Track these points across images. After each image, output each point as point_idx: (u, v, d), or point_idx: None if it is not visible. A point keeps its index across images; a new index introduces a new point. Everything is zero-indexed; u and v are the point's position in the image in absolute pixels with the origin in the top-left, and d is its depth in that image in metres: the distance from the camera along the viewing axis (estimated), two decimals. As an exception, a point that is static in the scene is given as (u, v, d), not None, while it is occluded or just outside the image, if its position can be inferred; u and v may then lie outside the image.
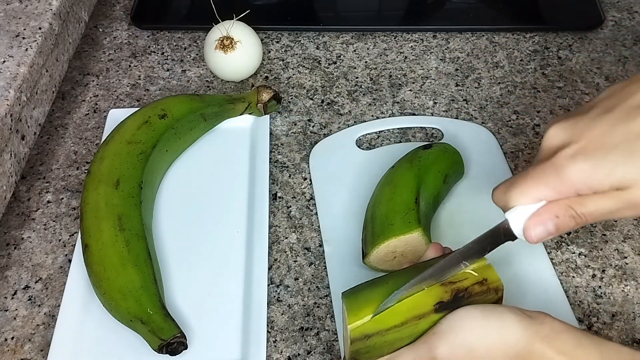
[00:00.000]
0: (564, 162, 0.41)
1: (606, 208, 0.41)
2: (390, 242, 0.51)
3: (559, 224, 0.41)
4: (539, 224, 0.42)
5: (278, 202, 0.62)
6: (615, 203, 0.40)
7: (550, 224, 0.41)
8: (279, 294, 0.55)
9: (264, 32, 0.79)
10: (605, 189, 0.40)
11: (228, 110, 0.67)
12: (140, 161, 0.58)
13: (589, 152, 0.40)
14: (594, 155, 0.40)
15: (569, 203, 0.41)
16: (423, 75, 0.74)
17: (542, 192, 0.42)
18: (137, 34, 0.80)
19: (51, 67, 0.68)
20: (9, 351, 0.52)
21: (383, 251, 0.52)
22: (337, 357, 0.51)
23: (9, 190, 0.60)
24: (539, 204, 0.42)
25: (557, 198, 0.41)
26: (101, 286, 0.51)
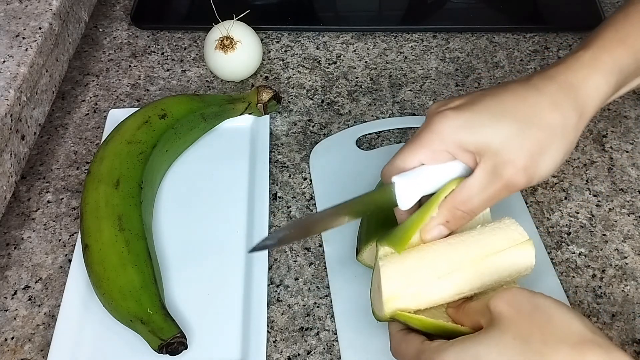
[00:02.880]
0: (436, 119, 0.45)
1: (483, 192, 0.44)
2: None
3: (452, 226, 0.46)
4: (433, 229, 0.45)
5: (278, 202, 0.62)
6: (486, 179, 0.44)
7: (443, 229, 0.46)
8: (279, 294, 0.55)
9: (264, 32, 0.79)
10: (471, 148, 0.44)
11: (228, 110, 0.67)
12: (140, 161, 0.58)
13: (459, 110, 0.45)
14: (464, 112, 0.44)
15: (453, 206, 0.45)
16: (423, 75, 0.74)
17: (418, 154, 0.45)
18: (137, 34, 0.80)
19: (51, 67, 0.68)
20: (9, 351, 0.52)
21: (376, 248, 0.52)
22: (337, 357, 0.51)
23: (9, 190, 0.60)
24: (420, 168, 0.45)
25: (433, 160, 0.45)
26: (101, 286, 0.51)
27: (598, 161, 0.65)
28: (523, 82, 0.46)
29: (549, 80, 0.45)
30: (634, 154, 0.65)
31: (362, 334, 0.52)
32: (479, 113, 0.44)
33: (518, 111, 0.44)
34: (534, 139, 0.43)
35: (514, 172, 0.43)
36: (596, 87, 0.44)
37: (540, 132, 0.43)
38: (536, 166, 0.44)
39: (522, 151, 0.43)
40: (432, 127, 0.45)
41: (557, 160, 0.44)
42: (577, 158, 0.65)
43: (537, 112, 0.44)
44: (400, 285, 0.43)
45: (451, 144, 0.44)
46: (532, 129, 0.43)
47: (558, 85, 0.44)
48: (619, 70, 0.45)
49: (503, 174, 0.43)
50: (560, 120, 0.44)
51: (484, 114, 0.44)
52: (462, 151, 0.44)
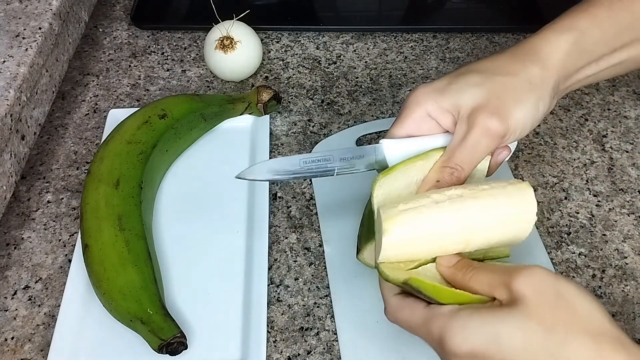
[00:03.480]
0: (411, 93, 0.49)
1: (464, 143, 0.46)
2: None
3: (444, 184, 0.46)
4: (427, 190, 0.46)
5: (278, 202, 0.62)
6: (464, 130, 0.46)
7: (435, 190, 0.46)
8: (279, 294, 0.55)
9: (264, 32, 0.79)
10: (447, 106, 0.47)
11: (228, 110, 0.67)
12: (140, 161, 0.58)
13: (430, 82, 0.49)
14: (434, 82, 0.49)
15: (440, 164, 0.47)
16: (423, 75, 0.74)
17: (404, 126, 0.49)
18: (137, 34, 0.80)
19: (51, 67, 0.68)
20: (9, 351, 0.52)
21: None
22: (337, 357, 0.51)
23: (9, 190, 0.60)
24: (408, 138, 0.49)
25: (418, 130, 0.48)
26: (101, 286, 0.51)
27: (598, 161, 0.65)
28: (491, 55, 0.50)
29: (513, 47, 0.49)
30: (634, 154, 0.65)
31: (362, 334, 0.52)
32: (447, 77, 0.49)
33: (482, 66, 0.48)
34: (499, 84, 0.46)
35: (487, 115, 0.45)
36: (557, 46, 0.48)
37: (503, 78, 0.47)
38: (506, 109, 0.46)
39: (489, 96, 0.46)
40: (409, 99, 0.49)
41: (529, 109, 0.46)
42: (577, 158, 0.65)
43: (500, 65, 0.48)
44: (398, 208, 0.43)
45: (429, 106, 0.48)
46: (496, 76, 0.47)
47: (520, 48, 0.49)
48: (580, 33, 0.48)
49: (477, 120, 0.45)
50: (522, 69, 0.47)
51: (451, 77, 0.48)
52: (441, 112, 0.48)
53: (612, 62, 0.50)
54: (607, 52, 0.49)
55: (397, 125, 0.49)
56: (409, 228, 0.42)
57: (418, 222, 0.42)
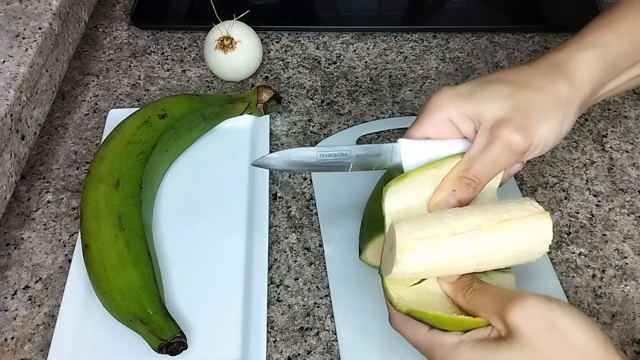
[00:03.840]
0: (434, 94, 0.48)
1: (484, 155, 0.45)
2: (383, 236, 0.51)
3: (460, 196, 0.46)
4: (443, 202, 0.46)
5: (278, 202, 0.62)
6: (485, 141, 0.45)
7: (452, 199, 0.46)
8: (279, 294, 0.55)
9: (264, 32, 0.79)
10: (469, 113, 0.46)
11: (228, 110, 0.67)
12: (140, 161, 0.58)
13: (455, 86, 0.48)
14: (460, 86, 0.47)
15: (457, 174, 0.46)
16: (423, 75, 0.74)
17: (423, 128, 0.48)
18: (137, 34, 0.80)
19: (51, 67, 0.68)
20: (9, 351, 0.52)
21: (378, 246, 0.52)
22: (337, 357, 0.51)
23: (9, 190, 0.60)
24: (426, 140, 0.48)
25: (437, 134, 0.48)
26: (101, 286, 0.51)
27: (598, 161, 0.65)
28: (520, 63, 0.49)
29: (539, 60, 0.48)
30: (634, 154, 0.65)
31: (362, 334, 0.52)
32: (474, 84, 0.47)
33: (512, 77, 0.47)
34: (526, 99, 0.45)
35: (511, 130, 0.44)
36: (583, 63, 0.47)
37: (532, 93, 0.46)
38: (531, 126, 0.45)
39: (515, 110, 0.45)
40: (431, 100, 0.48)
41: (554, 125, 0.46)
42: (577, 158, 0.65)
43: (528, 78, 0.47)
44: (415, 236, 0.42)
45: (452, 111, 0.47)
46: (524, 90, 0.46)
47: (547, 62, 0.48)
48: (605, 49, 0.48)
49: (500, 133, 0.45)
50: (550, 85, 0.46)
51: (478, 84, 0.47)
52: (463, 118, 0.46)
53: (633, 75, 0.49)
54: (629, 65, 0.49)
55: (416, 127, 0.48)
56: (423, 260, 0.42)
57: (433, 254, 0.42)
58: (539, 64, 0.48)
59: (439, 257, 0.42)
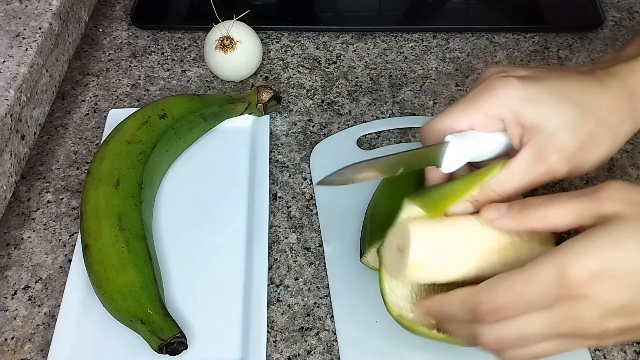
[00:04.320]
0: (499, 83, 0.42)
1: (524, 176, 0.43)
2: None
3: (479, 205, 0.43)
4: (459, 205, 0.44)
5: (278, 202, 0.62)
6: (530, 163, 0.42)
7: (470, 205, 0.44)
8: (279, 294, 0.55)
9: (264, 32, 0.79)
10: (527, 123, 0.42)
11: (228, 110, 0.67)
12: (140, 161, 0.58)
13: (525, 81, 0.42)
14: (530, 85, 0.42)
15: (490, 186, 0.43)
16: (423, 75, 0.74)
17: (472, 115, 0.43)
18: (137, 34, 0.80)
19: (51, 67, 0.68)
20: (9, 351, 0.52)
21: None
22: (337, 357, 0.51)
23: (9, 190, 0.60)
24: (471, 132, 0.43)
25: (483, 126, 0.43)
26: (101, 286, 0.51)
27: (598, 161, 0.65)
28: (587, 72, 0.45)
29: (613, 77, 0.44)
30: (634, 154, 0.65)
31: (362, 334, 0.52)
32: (545, 90, 0.43)
33: (582, 98, 0.43)
34: (588, 130, 0.42)
35: (560, 158, 0.42)
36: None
37: (595, 126, 0.42)
38: (580, 159, 0.43)
39: (574, 139, 0.42)
40: (493, 91, 0.43)
41: (601, 158, 0.44)
42: (577, 158, 0.65)
43: (598, 105, 0.43)
44: (430, 257, 0.41)
45: (508, 113, 0.42)
46: (590, 120, 0.42)
47: (621, 85, 0.44)
48: None
49: (548, 158, 0.42)
50: (617, 121, 0.43)
51: (549, 92, 0.43)
52: (515, 124, 0.43)
53: None
54: None
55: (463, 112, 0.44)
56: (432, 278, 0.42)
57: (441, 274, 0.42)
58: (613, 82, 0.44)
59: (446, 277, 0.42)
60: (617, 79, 0.44)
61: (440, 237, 0.42)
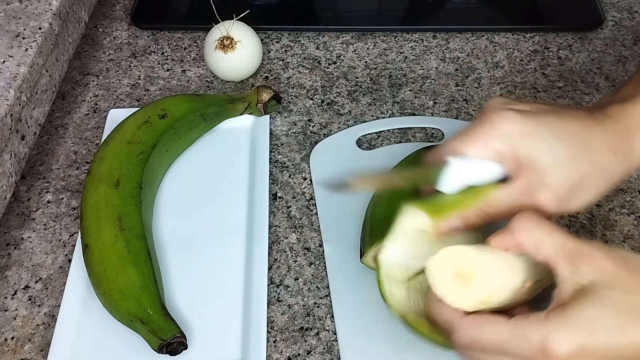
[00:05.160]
0: (500, 117, 0.44)
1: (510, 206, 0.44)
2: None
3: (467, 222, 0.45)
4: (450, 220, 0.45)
5: (278, 202, 0.62)
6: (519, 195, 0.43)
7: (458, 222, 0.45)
8: (279, 294, 0.55)
9: (264, 32, 0.79)
10: (522, 157, 0.43)
11: (228, 110, 0.67)
12: (140, 161, 0.58)
13: (524, 115, 0.44)
14: (529, 120, 0.43)
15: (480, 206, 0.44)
16: (423, 75, 0.74)
17: (473, 146, 0.44)
18: (137, 34, 0.80)
19: (51, 67, 0.68)
20: (9, 351, 0.52)
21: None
22: (337, 357, 0.51)
23: (9, 190, 0.60)
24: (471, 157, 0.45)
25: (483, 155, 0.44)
26: (101, 286, 0.51)
27: (598, 161, 0.65)
28: (586, 111, 0.45)
29: (608, 118, 0.44)
30: (634, 154, 0.65)
31: (362, 334, 0.52)
32: (543, 126, 0.43)
33: (579, 138, 0.43)
34: (581, 173, 0.43)
35: (548, 198, 0.43)
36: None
37: (589, 168, 0.43)
38: (571, 200, 0.43)
39: (565, 181, 0.43)
40: (495, 124, 0.44)
41: (590, 200, 0.44)
42: (577, 158, 0.65)
43: (594, 147, 0.43)
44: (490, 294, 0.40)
45: (506, 146, 0.43)
46: (584, 162, 0.43)
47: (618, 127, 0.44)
48: None
49: (536, 195, 0.43)
50: (612, 165, 0.43)
51: (547, 129, 0.43)
52: (511, 157, 0.44)
53: None
54: None
55: (466, 142, 0.45)
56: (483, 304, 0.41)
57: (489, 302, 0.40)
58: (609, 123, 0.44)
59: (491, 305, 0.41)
60: (612, 120, 0.44)
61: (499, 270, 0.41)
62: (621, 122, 0.44)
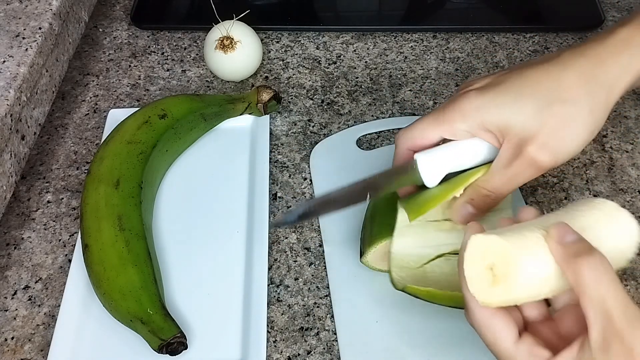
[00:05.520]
0: (460, 98, 0.45)
1: (506, 170, 0.44)
2: (387, 242, 0.51)
3: (477, 205, 0.46)
4: (459, 207, 0.46)
5: (278, 202, 0.62)
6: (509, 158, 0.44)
7: (469, 207, 0.46)
8: (279, 294, 0.55)
9: (264, 32, 0.79)
10: (492, 128, 0.44)
11: (228, 110, 0.67)
12: (140, 161, 0.58)
13: (482, 90, 0.45)
14: (487, 93, 0.44)
15: (477, 184, 0.46)
16: (423, 75, 0.74)
17: (439, 129, 0.46)
18: (137, 34, 0.80)
19: (51, 67, 0.68)
20: (9, 351, 0.52)
21: (380, 251, 0.52)
22: (337, 357, 0.51)
23: (9, 190, 0.60)
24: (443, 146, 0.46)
25: (453, 137, 0.46)
26: (101, 286, 0.51)
27: (598, 161, 0.65)
28: (551, 57, 0.45)
29: (579, 56, 0.44)
30: (634, 154, 0.65)
31: (362, 334, 0.52)
32: (501, 93, 0.44)
33: (541, 87, 0.43)
34: (557, 115, 0.42)
35: (536, 148, 0.43)
36: (627, 64, 0.43)
37: (563, 108, 0.43)
38: (559, 143, 0.43)
39: (544, 127, 0.43)
40: (455, 106, 0.45)
41: (583, 137, 0.43)
42: (577, 158, 0.65)
43: (561, 87, 0.43)
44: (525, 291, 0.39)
45: (473, 124, 0.45)
46: (555, 104, 0.43)
47: (587, 59, 0.43)
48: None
49: (525, 151, 0.43)
50: (586, 96, 0.43)
51: (506, 93, 0.44)
52: (484, 131, 0.45)
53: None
54: None
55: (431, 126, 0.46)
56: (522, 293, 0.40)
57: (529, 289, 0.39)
58: (578, 59, 0.43)
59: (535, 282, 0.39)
60: (582, 55, 0.44)
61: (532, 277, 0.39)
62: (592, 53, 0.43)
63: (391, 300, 0.53)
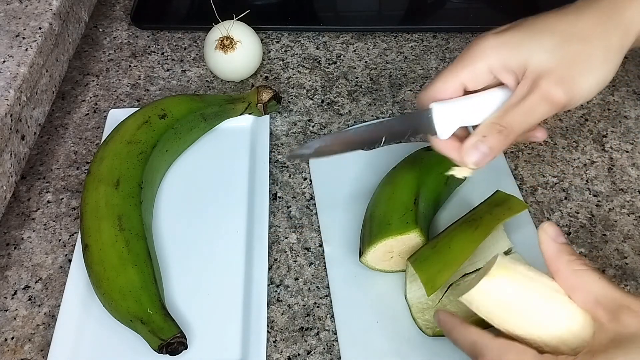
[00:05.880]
0: (478, 40, 0.45)
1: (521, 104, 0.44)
2: (386, 241, 0.51)
3: (490, 142, 0.44)
4: (470, 148, 0.45)
5: (278, 202, 0.62)
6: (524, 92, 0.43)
7: (482, 145, 0.44)
8: (279, 294, 0.55)
9: (264, 32, 0.79)
10: (513, 65, 0.44)
11: (228, 110, 0.67)
12: (140, 161, 0.58)
13: (500, 32, 0.46)
14: (505, 33, 0.45)
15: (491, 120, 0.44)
16: (423, 75, 0.74)
17: (460, 74, 0.45)
18: (137, 34, 0.80)
19: (51, 67, 0.68)
20: (9, 351, 0.52)
21: (380, 250, 0.52)
22: (337, 357, 0.51)
23: (9, 190, 0.60)
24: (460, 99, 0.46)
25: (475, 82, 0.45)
26: (101, 286, 0.51)
27: (598, 161, 0.65)
28: (567, 6, 0.46)
29: (594, 2, 0.45)
30: (634, 154, 0.65)
31: (362, 334, 0.52)
32: (520, 32, 0.45)
33: (558, 28, 0.44)
34: (573, 51, 0.43)
35: (551, 82, 0.43)
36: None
37: (580, 45, 0.43)
38: (574, 80, 0.43)
39: (561, 63, 0.43)
40: (474, 47, 0.45)
41: (598, 79, 0.43)
42: (577, 158, 0.65)
43: (578, 26, 0.44)
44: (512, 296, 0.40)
45: (494, 62, 0.45)
46: (572, 41, 0.43)
47: (603, 3, 0.44)
48: None
49: (540, 84, 0.43)
50: (602, 35, 0.43)
51: (525, 32, 0.45)
52: (505, 70, 0.45)
53: None
54: None
55: (451, 73, 0.46)
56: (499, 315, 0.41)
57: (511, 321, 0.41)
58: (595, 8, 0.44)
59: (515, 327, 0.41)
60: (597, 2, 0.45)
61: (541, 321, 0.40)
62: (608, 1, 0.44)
63: (391, 300, 0.53)
